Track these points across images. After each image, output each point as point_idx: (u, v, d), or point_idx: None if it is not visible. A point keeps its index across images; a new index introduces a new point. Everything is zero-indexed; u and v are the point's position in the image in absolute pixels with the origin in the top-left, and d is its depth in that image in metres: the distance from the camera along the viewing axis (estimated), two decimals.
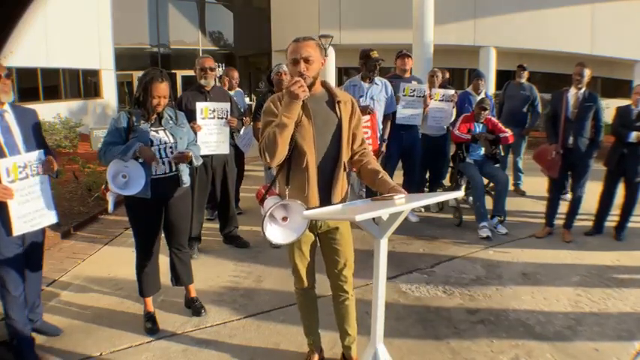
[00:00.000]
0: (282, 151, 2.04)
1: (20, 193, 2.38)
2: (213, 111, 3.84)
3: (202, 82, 3.91)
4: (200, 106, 3.78)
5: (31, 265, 2.67)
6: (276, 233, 2.03)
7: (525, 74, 6.19)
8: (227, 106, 3.93)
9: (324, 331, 2.62)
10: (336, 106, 2.18)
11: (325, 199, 2.17)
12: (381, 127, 4.43)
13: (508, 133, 4.90)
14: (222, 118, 3.89)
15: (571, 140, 4.38)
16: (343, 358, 2.54)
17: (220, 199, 4.26)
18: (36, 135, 2.59)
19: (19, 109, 2.55)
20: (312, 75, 2.08)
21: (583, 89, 4.38)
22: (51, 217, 2.57)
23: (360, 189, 5.24)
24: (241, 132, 4.96)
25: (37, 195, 2.47)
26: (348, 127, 2.20)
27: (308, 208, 2.06)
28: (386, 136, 4.56)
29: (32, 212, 2.45)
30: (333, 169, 2.18)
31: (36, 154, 2.47)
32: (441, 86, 5.45)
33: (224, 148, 3.97)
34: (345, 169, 2.23)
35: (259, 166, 6.80)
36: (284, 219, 2.03)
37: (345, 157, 2.21)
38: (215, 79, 4.06)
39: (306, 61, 2.06)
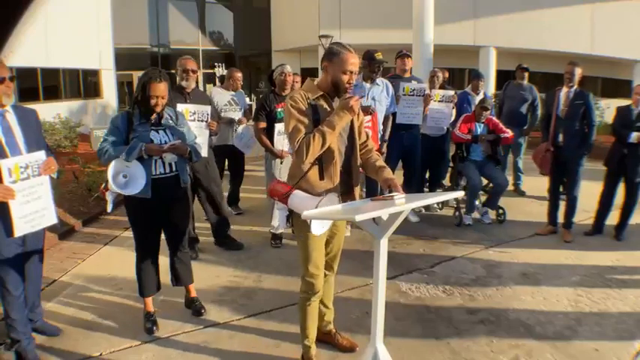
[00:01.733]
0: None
1: (22, 194, 2.38)
2: (194, 113, 3.79)
3: (183, 83, 3.85)
4: (180, 107, 3.70)
5: (32, 265, 2.67)
6: (318, 225, 2.13)
7: (526, 75, 6.19)
8: (208, 109, 3.88)
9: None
10: None
11: (347, 188, 2.39)
12: (381, 127, 4.43)
13: (509, 133, 4.91)
14: (202, 120, 3.84)
15: (561, 138, 4.40)
16: (321, 333, 2.64)
17: (209, 201, 4.19)
18: (37, 135, 2.60)
19: (20, 109, 2.56)
20: None
21: (574, 88, 4.38)
22: (51, 218, 2.57)
23: (360, 189, 5.23)
24: (239, 131, 4.92)
25: (37, 195, 2.47)
26: (357, 125, 2.40)
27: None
28: (386, 137, 4.56)
29: (33, 213, 2.44)
30: (350, 161, 2.38)
31: (37, 155, 2.47)
32: (441, 87, 5.45)
33: (202, 152, 3.93)
34: (359, 163, 2.44)
35: (259, 166, 6.80)
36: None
37: (358, 150, 2.41)
38: (218, 80, 4.04)
39: (355, 73, 2.29)
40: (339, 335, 2.68)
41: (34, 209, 2.45)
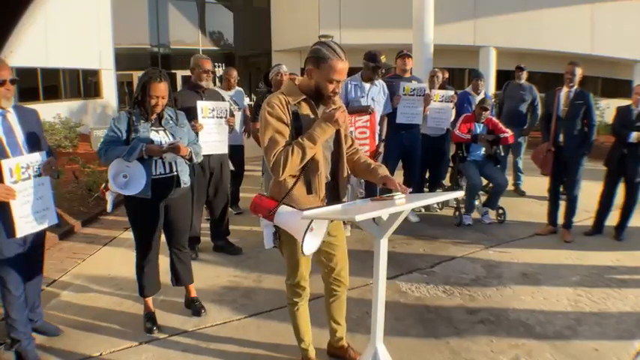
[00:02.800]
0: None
1: (22, 194, 2.37)
2: (213, 110, 3.82)
3: (203, 83, 3.87)
4: (200, 105, 3.75)
5: (32, 265, 2.67)
6: (310, 244, 2.01)
7: (524, 75, 6.19)
8: (226, 105, 3.94)
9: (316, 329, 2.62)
10: None
11: (334, 196, 2.24)
12: (378, 127, 4.44)
13: (508, 133, 4.91)
14: (221, 117, 3.88)
15: (561, 138, 4.40)
16: (333, 348, 2.61)
17: (217, 201, 4.17)
18: (38, 135, 2.60)
19: (21, 109, 2.56)
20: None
21: (574, 88, 4.38)
22: (52, 218, 2.57)
23: (359, 189, 5.24)
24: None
25: (38, 196, 2.47)
26: (343, 128, 2.24)
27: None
28: (383, 136, 4.57)
29: (34, 213, 2.45)
30: (337, 168, 2.24)
31: (38, 155, 2.47)
32: (441, 87, 5.45)
33: (223, 148, 3.96)
34: (348, 172, 2.29)
35: (259, 165, 6.79)
36: (311, 229, 2.00)
37: (345, 156, 2.27)
38: (218, 80, 4.05)
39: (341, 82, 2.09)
40: (351, 350, 2.58)
41: (36, 209, 2.45)
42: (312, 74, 2.06)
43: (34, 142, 2.53)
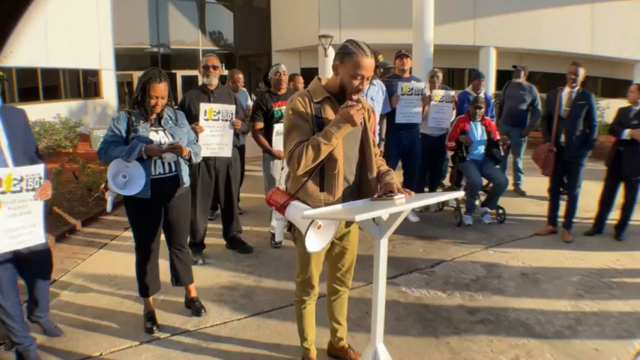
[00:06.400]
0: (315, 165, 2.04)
1: (9, 206, 2.23)
2: (218, 113, 3.74)
3: (205, 80, 3.83)
4: (204, 107, 3.66)
5: (37, 265, 2.64)
6: (314, 241, 2.00)
7: (522, 74, 6.18)
8: (232, 108, 3.84)
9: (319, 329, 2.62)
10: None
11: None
12: (378, 127, 4.45)
13: (499, 138, 4.96)
14: (226, 120, 3.80)
15: (563, 138, 4.41)
16: (333, 348, 2.60)
17: (225, 202, 4.14)
18: (24, 138, 2.50)
19: (8, 110, 2.48)
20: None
21: (576, 88, 4.39)
22: (39, 237, 2.36)
23: None
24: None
25: (27, 210, 2.30)
26: (371, 133, 2.22)
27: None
28: (383, 136, 4.58)
29: (20, 228, 2.27)
30: (361, 173, 2.20)
31: (37, 169, 2.34)
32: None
33: (226, 152, 3.87)
34: (376, 173, 2.22)
35: (259, 165, 6.79)
36: (319, 227, 2.00)
37: (374, 160, 2.21)
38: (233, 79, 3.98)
39: (367, 79, 2.05)
40: (352, 351, 2.58)
41: (23, 224, 2.28)
42: (338, 70, 2.06)
43: (19, 146, 2.42)
